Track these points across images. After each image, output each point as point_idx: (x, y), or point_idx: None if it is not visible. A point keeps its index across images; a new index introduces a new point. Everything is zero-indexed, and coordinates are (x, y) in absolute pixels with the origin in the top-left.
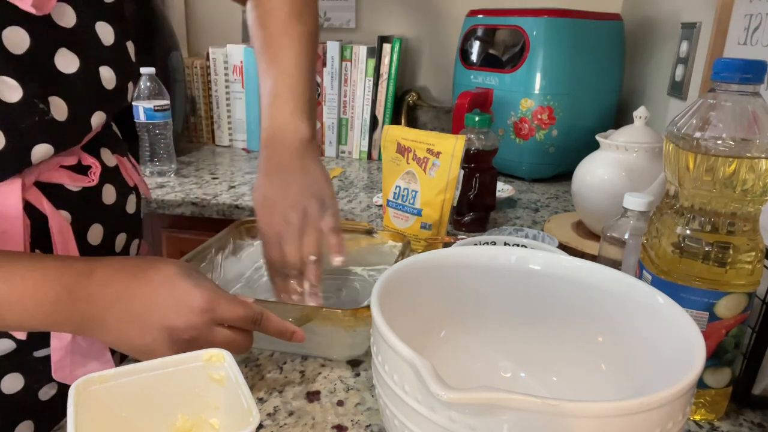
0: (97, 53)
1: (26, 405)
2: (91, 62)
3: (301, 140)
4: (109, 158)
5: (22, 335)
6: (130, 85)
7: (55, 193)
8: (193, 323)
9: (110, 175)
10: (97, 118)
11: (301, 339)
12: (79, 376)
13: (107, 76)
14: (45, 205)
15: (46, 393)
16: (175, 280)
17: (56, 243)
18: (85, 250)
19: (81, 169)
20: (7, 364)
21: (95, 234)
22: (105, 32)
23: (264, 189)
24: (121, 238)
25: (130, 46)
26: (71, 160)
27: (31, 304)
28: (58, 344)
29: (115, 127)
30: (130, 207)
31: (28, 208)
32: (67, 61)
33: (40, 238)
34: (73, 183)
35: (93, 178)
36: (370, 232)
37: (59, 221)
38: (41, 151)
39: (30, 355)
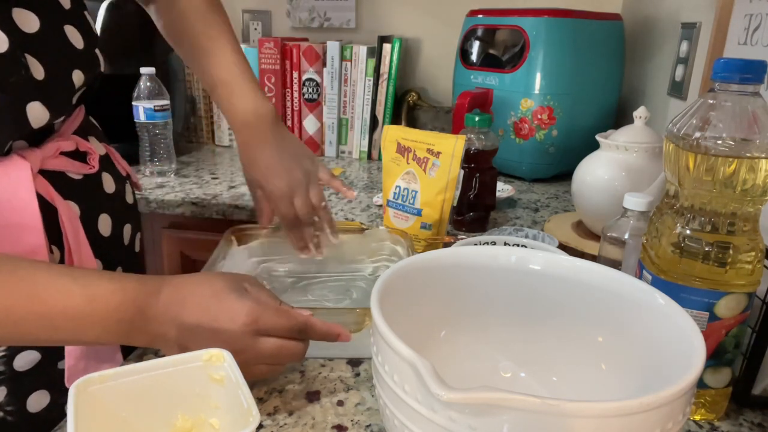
0: (57, 13)
1: (53, 422)
2: (52, 21)
3: (271, 115)
4: (98, 146)
5: None
6: (98, 53)
7: (59, 181)
8: (237, 335)
9: (104, 162)
10: (78, 77)
11: (347, 339)
12: None
13: (73, 34)
14: (53, 195)
15: None
16: (222, 294)
17: (67, 234)
18: (97, 241)
19: (79, 157)
20: (32, 380)
21: (104, 224)
22: None
23: (262, 161)
24: (127, 230)
25: (88, 16)
26: (69, 146)
27: (113, 324)
28: (73, 349)
29: (92, 119)
30: (129, 197)
31: (38, 199)
32: (25, 20)
33: (50, 231)
34: (75, 170)
35: (93, 165)
36: (362, 231)
37: (68, 211)
38: (36, 110)
39: (54, 367)
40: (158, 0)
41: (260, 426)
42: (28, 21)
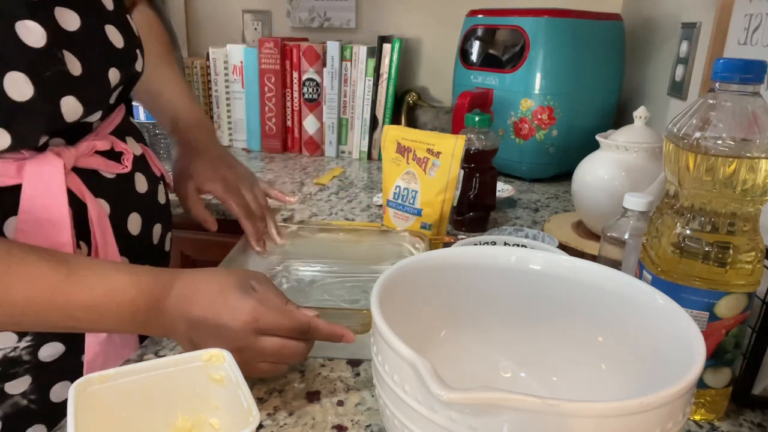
0: (98, 13)
1: None
2: (93, 21)
3: (211, 126)
4: (135, 147)
5: (72, 336)
6: (139, 53)
7: (92, 180)
8: (238, 333)
9: (139, 163)
10: (114, 75)
11: (350, 340)
12: None
13: (114, 34)
14: (84, 193)
15: None
16: (227, 291)
17: (95, 232)
18: (125, 240)
19: (114, 157)
20: (55, 370)
21: (134, 223)
22: None
23: (199, 165)
24: (157, 229)
25: (131, 19)
26: (105, 145)
27: (128, 315)
28: (94, 340)
29: (132, 119)
30: (161, 197)
31: (69, 196)
32: (67, 19)
33: (80, 227)
34: (108, 169)
35: (127, 165)
36: (382, 232)
37: (98, 209)
38: (70, 105)
39: (78, 359)
40: None
41: (260, 426)
42: (69, 19)
